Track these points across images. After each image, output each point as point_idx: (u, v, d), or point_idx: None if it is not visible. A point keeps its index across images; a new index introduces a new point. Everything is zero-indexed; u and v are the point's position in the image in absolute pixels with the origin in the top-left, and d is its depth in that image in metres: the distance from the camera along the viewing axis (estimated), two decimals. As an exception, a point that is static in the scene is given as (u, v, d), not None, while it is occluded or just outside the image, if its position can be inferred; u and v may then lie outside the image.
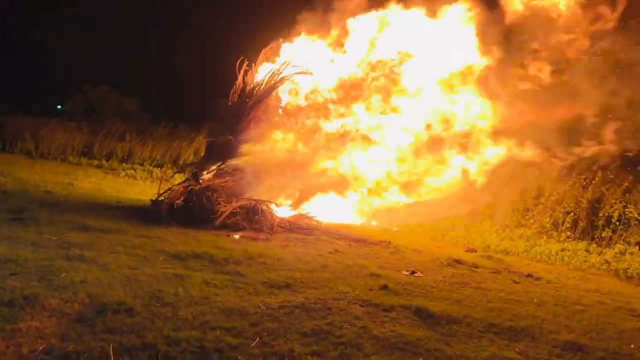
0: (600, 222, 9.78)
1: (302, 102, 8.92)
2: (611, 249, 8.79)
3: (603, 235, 9.54)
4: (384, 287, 4.96)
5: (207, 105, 9.67)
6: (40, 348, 2.95)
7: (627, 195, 10.19)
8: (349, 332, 3.65)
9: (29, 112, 19.61)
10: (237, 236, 7.10)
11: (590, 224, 9.99)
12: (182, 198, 7.43)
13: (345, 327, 3.74)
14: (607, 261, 7.87)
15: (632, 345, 4.06)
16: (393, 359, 3.28)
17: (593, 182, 10.56)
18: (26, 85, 24.74)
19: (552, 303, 5.15)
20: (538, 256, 8.08)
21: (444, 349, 3.54)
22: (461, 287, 5.46)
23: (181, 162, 15.20)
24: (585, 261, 7.90)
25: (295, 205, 8.74)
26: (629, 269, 7.47)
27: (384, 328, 3.82)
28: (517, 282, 6.03)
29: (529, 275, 6.43)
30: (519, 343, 3.87)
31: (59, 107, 25.98)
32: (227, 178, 8.49)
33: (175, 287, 4.35)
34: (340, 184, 8.84)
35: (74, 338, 3.13)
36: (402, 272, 5.83)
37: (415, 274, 5.79)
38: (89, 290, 3.99)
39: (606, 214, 9.78)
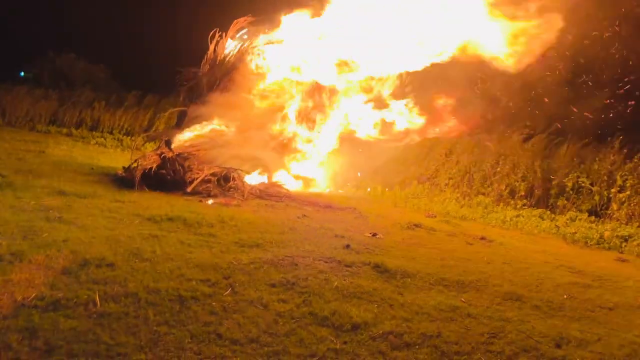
0: (554, 191, 10.34)
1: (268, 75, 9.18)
2: (563, 216, 9.37)
3: (558, 203, 10.10)
4: (347, 247, 5.37)
5: (179, 75, 9.83)
6: (33, 295, 3.25)
7: (580, 165, 10.78)
8: (312, 283, 4.04)
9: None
10: (209, 202, 7.41)
11: (546, 193, 10.56)
12: (155, 165, 7.67)
13: (310, 279, 4.12)
14: (557, 226, 8.45)
15: (565, 296, 4.55)
16: (351, 305, 3.68)
17: (549, 155, 11.16)
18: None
19: (500, 262, 5.64)
20: (493, 222, 8.61)
21: (397, 298, 3.96)
22: (418, 247, 5.91)
23: (152, 130, 15.29)
24: (537, 227, 8.45)
25: (265, 173, 9.08)
26: (576, 233, 8.05)
27: (345, 280, 4.22)
28: (471, 244, 6.51)
29: (482, 238, 6.92)
30: (466, 294, 4.31)
31: (22, 74, 25.52)
32: (199, 146, 8.76)
33: (152, 245, 4.67)
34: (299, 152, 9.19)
35: (61, 287, 3.44)
36: (365, 234, 6.25)
37: (377, 236, 6.21)
38: (71, 247, 4.29)
39: (560, 183, 10.35)
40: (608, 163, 10.41)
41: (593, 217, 9.34)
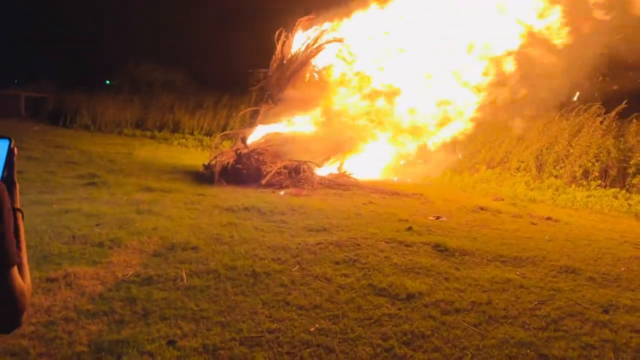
0: (631, 170, 10.10)
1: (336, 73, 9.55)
2: (638, 195, 9.19)
3: (634, 182, 9.88)
4: (409, 229, 5.68)
5: (250, 76, 10.41)
6: (130, 274, 3.81)
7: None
8: (373, 260, 4.40)
9: (81, 88, 20.91)
10: (281, 193, 7.90)
11: (622, 173, 10.34)
12: (232, 160, 8.26)
13: (370, 257, 4.48)
14: (629, 204, 8.33)
15: (622, 268, 4.66)
16: (407, 278, 4.01)
17: (625, 131, 10.89)
18: (75, 63, 26.12)
19: (562, 239, 5.76)
20: (563, 203, 8.59)
21: (453, 272, 4.25)
22: (480, 228, 6.11)
23: (228, 129, 16.07)
24: (609, 206, 8.37)
25: (334, 164, 9.48)
26: (648, 211, 7.93)
27: (404, 258, 4.55)
28: (535, 224, 6.63)
29: (548, 218, 7.00)
30: (522, 268, 4.53)
31: (107, 82, 27.31)
32: (271, 142, 9.28)
33: (230, 231, 5.18)
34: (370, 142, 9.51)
35: (153, 267, 3.99)
36: (429, 218, 6.52)
37: (440, 219, 6.47)
38: (160, 234, 4.87)
39: (637, 162, 10.10)
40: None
41: (672, 196, 9.11)
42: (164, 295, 3.45)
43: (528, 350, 2.96)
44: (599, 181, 10.14)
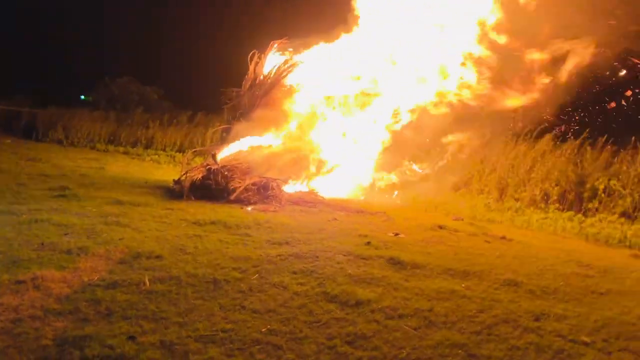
0: (587, 195, 10.58)
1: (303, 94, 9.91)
2: (593, 218, 9.65)
3: (589, 207, 10.35)
4: (367, 244, 5.98)
5: (223, 94, 10.68)
6: (96, 278, 4.02)
7: (610, 168, 11.02)
8: (329, 270, 4.67)
9: (56, 103, 21.00)
10: (249, 208, 8.14)
11: (579, 197, 10.82)
12: (201, 176, 8.48)
13: (327, 267, 4.76)
14: (581, 227, 8.76)
15: (561, 283, 5.01)
16: (359, 287, 4.28)
17: (582, 157, 11.44)
18: (51, 79, 26.20)
19: (511, 256, 6.11)
20: (519, 224, 8.98)
21: (402, 283, 4.54)
22: (436, 244, 6.43)
23: (201, 146, 16.26)
24: (562, 228, 8.79)
25: (302, 182, 9.77)
26: (599, 233, 8.35)
27: (358, 269, 4.83)
28: (489, 242, 6.98)
29: (502, 237, 7.36)
30: (467, 281, 4.84)
31: (82, 97, 27.37)
32: (241, 159, 9.53)
33: (195, 243, 5.42)
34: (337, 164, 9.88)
35: (118, 272, 4.20)
36: (388, 234, 6.82)
37: (399, 235, 6.78)
38: (127, 244, 5.08)
39: (592, 187, 10.59)
40: (639, 164, 10.62)
41: (623, 219, 9.58)
42: (127, 298, 3.67)
43: (460, 351, 3.25)
44: (557, 204, 10.60)
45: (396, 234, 6.82)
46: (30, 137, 19.45)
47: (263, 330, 3.32)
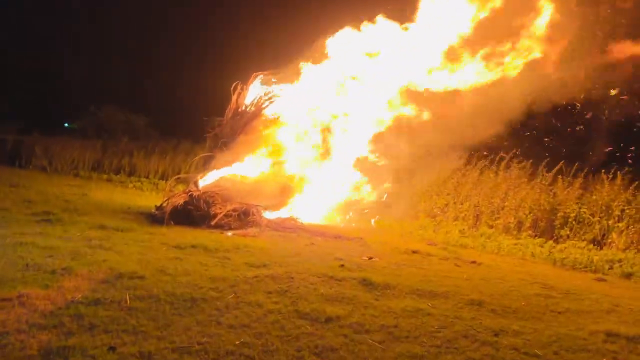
0: (558, 222, 10.96)
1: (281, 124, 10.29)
2: (563, 244, 10.01)
3: (561, 233, 10.72)
4: (341, 266, 6.24)
5: (206, 123, 10.98)
6: (79, 296, 4.23)
7: (582, 197, 11.43)
8: (302, 291, 4.92)
9: (41, 130, 21.16)
10: (229, 233, 8.37)
11: (550, 225, 11.20)
12: (183, 201, 8.72)
13: (301, 288, 5.01)
14: (550, 252, 9.10)
15: (523, 303, 5.30)
16: (330, 304, 4.54)
17: (553, 187, 11.86)
18: (36, 105, 26.36)
19: (478, 278, 6.40)
20: (491, 249, 9.30)
21: (372, 302, 4.80)
22: (408, 267, 6.71)
23: (183, 173, 16.48)
24: (532, 253, 9.11)
25: (281, 209, 10.03)
26: (566, 258, 8.69)
27: (331, 289, 5.09)
28: (459, 266, 7.27)
29: (472, 262, 7.66)
30: (434, 300, 5.11)
31: (66, 125, 27.53)
32: (223, 186, 9.79)
33: (175, 265, 5.64)
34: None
35: (101, 291, 4.42)
36: (362, 258, 7.09)
37: (372, 259, 7.04)
38: (109, 265, 5.29)
39: (564, 215, 10.97)
40: (606, 194, 11.05)
41: (591, 246, 9.95)
42: (109, 314, 3.89)
43: (419, 361, 3.52)
44: (530, 231, 10.95)
45: (370, 258, 7.09)
46: (14, 164, 19.54)
47: (237, 343, 3.55)
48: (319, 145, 10.17)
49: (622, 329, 4.54)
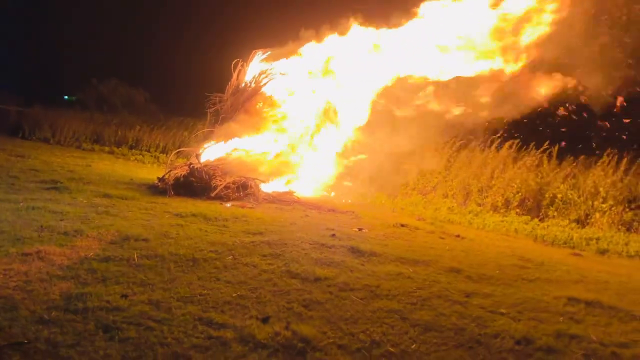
0: (545, 202, 11.40)
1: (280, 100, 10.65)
2: (546, 223, 10.46)
3: (548, 213, 11.16)
4: (332, 236, 6.68)
5: (206, 99, 11.35)
6: (91, 254, 4.67)
7: (568, 179, 11.87)
8: (295, 255, 5.37)
9: (42, 103, 21.51)
10: (228, 204, 8.80)
11: (538, 204, 11.64)
12: (184, 173, 9.14)
13: (293, 252, 5.46)
14: (533, 229, 9.55)
15: (497, 271, 5.75)
16: (319, 267, 4.98)
17: (540, 167, 12.30)
18: (36, 78, 26.63)
19: (460, 250, 6.85)
20: (476, 225, 9.74)
21: (358, 267, 5.25)
22: (394, 239, 7.16)
23: (183, 147, 16.88)
24: (516, 230, 9.56)
25: (280, 181, 10.47)
26: (547, 235, 9.14)
27: (321, 254, 5.53)
28: (443, 239, 7.71)
29: (457, 236, 8.11)
30: (415, 267, 5.56)
31: (66, 97, 27.80)
32: (223, 159, 10.20)
33: (177, 230, 6.08)
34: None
35: (110, 250, 4.86)
36: (353, 229, 7.54)
37: (362, 230, 7.49)
38: (117, 228, 5.73)
39: (551, 195, 11.41)
40: (593, 176, 11.50)
41: (574, 225, 10.40)
42: (119, 269, 4.34)
43: (395, 315, 3.97)
44: (517, 210, 11.39)
45: (360, 229, 7.54)
46: (17, 135, 19.90)
47: (234, 295, 4.01)
48: (316, 121, 10.54)
49: (583, 295, 4.99)
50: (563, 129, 14.96)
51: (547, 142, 12.93)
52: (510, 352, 3.54)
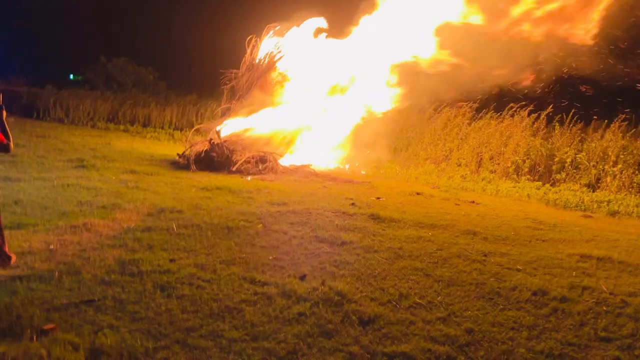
0: (555, 167, 11.63)
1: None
2: (558, 187, 10.72)
3: (558, 178, 11.41)
4: (352, 204, 6.99)
5: (222, 75, 11.58)
6: (133, 225, 5.02)
7: (579, 144, 12.09)
8: (320, 222, 5.69)
9: (51, 83, 21.82)
10: (249, 178, 9.13)
11: (548, 169, 11.88)
12: (205, 149, 9.45)
13: (318, 220, 5.78)
14: (545, 194, 9.83)
15: (512, 233, 6.06)
16: (344, 232, 5.31)
17: (551, 133, 12.51)
18: (45, 58, 26.84)
19: (475, 215, 7.15)
20: (489, 192, 10.02)
21: (379, 231, 5.57)
22: (412, 206, 7.47)
23: (198, 124, 17.18)
24: (528, 195, 9.84)
25: (294, 155, 10.77)
26: (559, 199, 9.41)
27: (344, 221, 5.85)
28: (458, 205, 8.02)
29: (471, 202, 8.40)
30: (433, 231, 5.87)
31: (71, 76, 28.02)
32: (241, 135, 10.50)
33: (207, 202, 6.42)
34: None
35: (149, 221, 5.20)
36: (371, 198, 7.84)
37: (380, 199, 7.80)
38: (150, 202, 6.08)
39: (561, 160, 11.65)
40: (603, 141, 11.71)
41: (585, 189, 10.66)
42: (161, 238, 4.68)
43: (419, 272, 4.30)
44: (528, 176, 11.64)
45: (378, 198, 7.84)
46: (31, 116, 20.25)
47: (270, 258, 4.35)
48: (331, 95, 10.79)
49: (594, 252, 5.30)
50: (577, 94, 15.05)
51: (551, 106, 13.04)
52: (528, 302, 3.87)
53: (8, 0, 26.64)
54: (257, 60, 10.83)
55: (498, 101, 14.07)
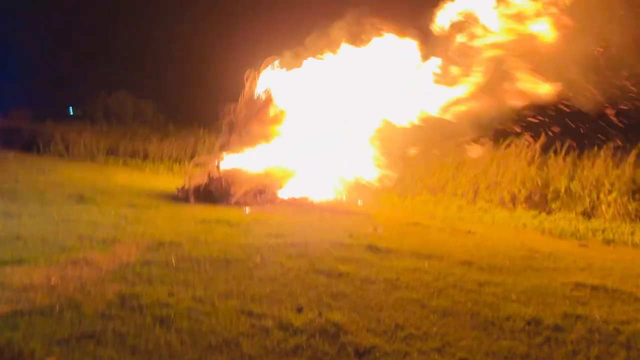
0: (550, 196, 11.74)
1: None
2: (554, 216, 10.81)
3: (553, 206, 11.51)
4: (350, 236, 7.07)
5: (220, 109, 11.76)
6: (132, 259, 5.09)
7: (574, 172, 12.21)
8: (317, 254, 5.77)
9: (52, 117, 22.10)
10: (247, 210, 9.22)
11: (543, 198, 11.98)
12: (204, 182, 9.58)
13: (316, 252, 5.87)
14: (541, 222, 9.91)
15: (507, 262, 6.13)
16: (341, 264, 5.38)
17: (546, 163, 12.65)
18: (44, 93, 27.12)
19: (471, 244, 7.22)
20: (486, 221, 10.11)
21: (376, 262, 5.64)
22: (408, 236, 7.54)
23: (196, 157, 17.32)
24: (524, 225, 9.92)
25: (292, 187, 10.87)
26: (554, 227, 9.49)
27: (342, 253, 5.94)
28: (455, 235, 8.09)
29: (467, 232, 8.47)
30: (430, 261, 5.93)
31: (70, 111, 28.29)
32: (239, 168, 10.62)
33: (205, 235, 6.50)
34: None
35: (149, 255, 5.28)
36: (368, 229, 7.92)
37: (377, 230, 7.88)
38: (150, 235, 6.16)
39: (555, 189, 11.76)
40: (597, 169, 11.85)
41: (581, 217, 10.74)
42: (160, 272, 4.75)
43: (415, 303, 4.36)
44: (524, 205, 11.73)
45: (375, 229, 7.92)
46: (31, 151, 20.41)
47: (268, 290, 4.41)
48: (325, 128, 10.94)
49: (588, 281, 5.37)
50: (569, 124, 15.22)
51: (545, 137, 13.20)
52: (522, 331, 3.92)
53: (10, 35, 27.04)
54: (255, 96, 11.01)
55: (495, 130, 14.27)
